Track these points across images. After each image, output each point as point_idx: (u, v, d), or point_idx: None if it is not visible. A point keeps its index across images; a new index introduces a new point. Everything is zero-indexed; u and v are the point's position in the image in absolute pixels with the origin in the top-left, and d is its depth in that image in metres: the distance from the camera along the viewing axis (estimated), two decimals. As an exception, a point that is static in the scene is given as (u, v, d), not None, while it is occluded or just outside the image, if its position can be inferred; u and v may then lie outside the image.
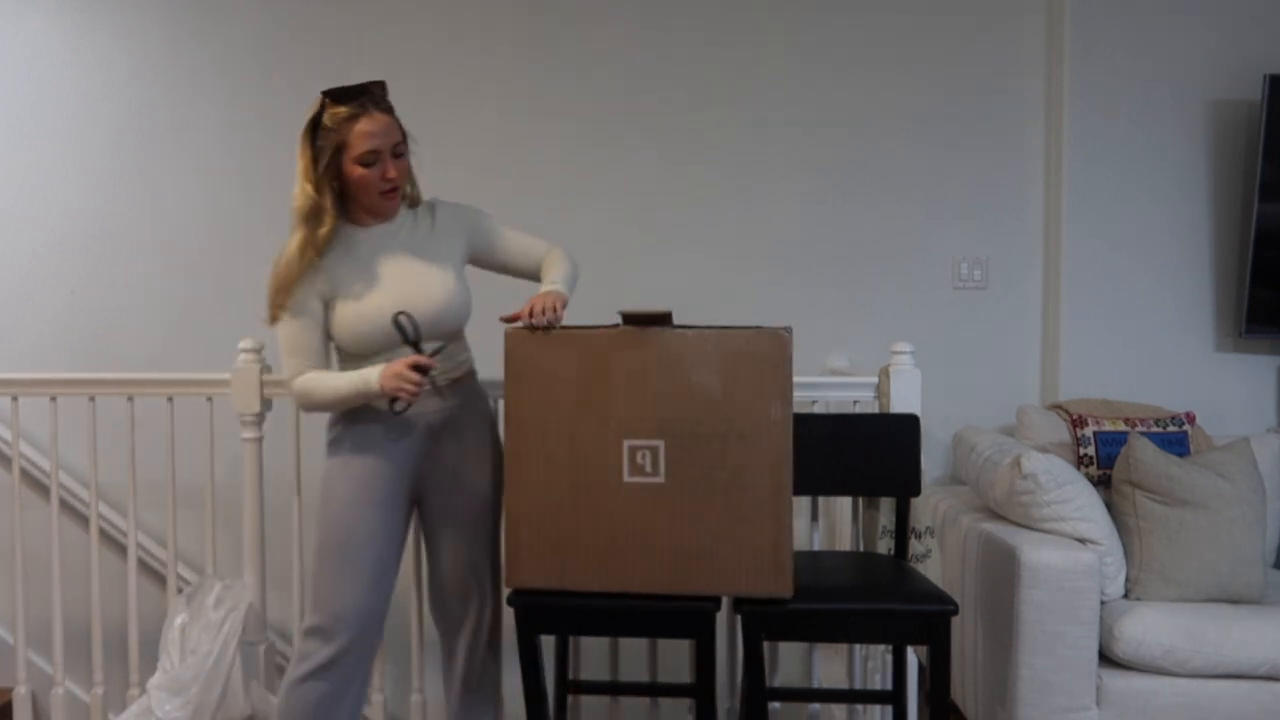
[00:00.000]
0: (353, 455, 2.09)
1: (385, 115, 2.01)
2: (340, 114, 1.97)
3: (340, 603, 2.04)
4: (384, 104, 2.02)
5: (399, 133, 2.03)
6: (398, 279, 2.04)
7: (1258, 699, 2.42)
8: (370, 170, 1.99)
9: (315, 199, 1.99)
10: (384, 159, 2.00)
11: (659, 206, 3.42)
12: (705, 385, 1.89)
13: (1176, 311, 3.30)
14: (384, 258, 2.06)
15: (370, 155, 1.98)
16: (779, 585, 1.89)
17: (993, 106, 3.38)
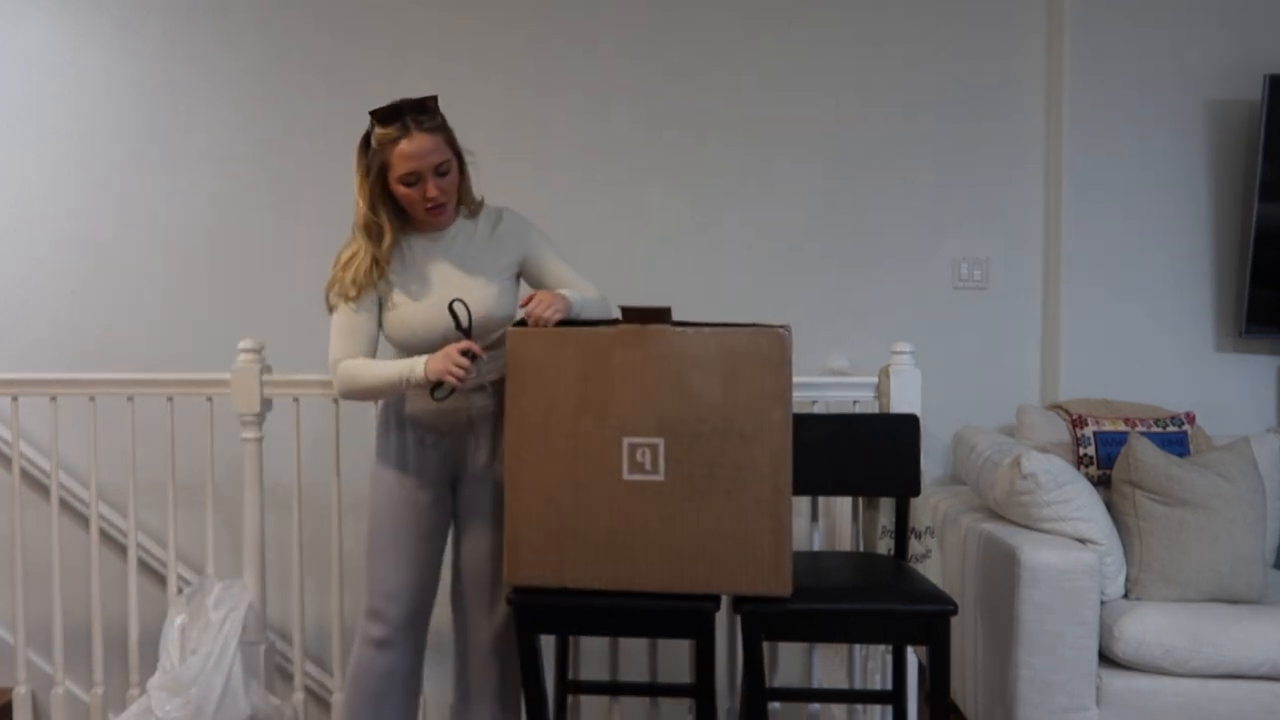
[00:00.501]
0: (400, 452, 2.20)
1: (428, 135, 2.04)
2: (384, 135, 2.04)
3: (390, 583, 2.17)
4: (429, 124, 2.05)
5: (446, 151, 2.07)
6: (448, 285, 2.12)
7: (1258, 699, 2.42)
8: (412, 190, 2.05)
9: (369, 215, 2.08)
10: (425, 179, 2.05)
11: (659, 205, 3.42)
12: (705, 384, 1.89)
13: (1176, 311, 3.30)
14: (437, 264, 2.14)
15: (411, 176, 2.04)
16: (778, 584, 1.89)
17: (993, 106, 3.38)
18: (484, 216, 2.21)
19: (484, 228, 2.20)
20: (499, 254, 2.18)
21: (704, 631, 1.96)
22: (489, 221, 2.21)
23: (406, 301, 2.13)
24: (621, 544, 1.92)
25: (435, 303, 2.11)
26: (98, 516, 2.67)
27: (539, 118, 3.41)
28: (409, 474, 2.20)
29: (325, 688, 3.22)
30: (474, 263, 2.16)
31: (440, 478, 2.22)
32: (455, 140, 2.11)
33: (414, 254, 2.15)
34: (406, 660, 2.21)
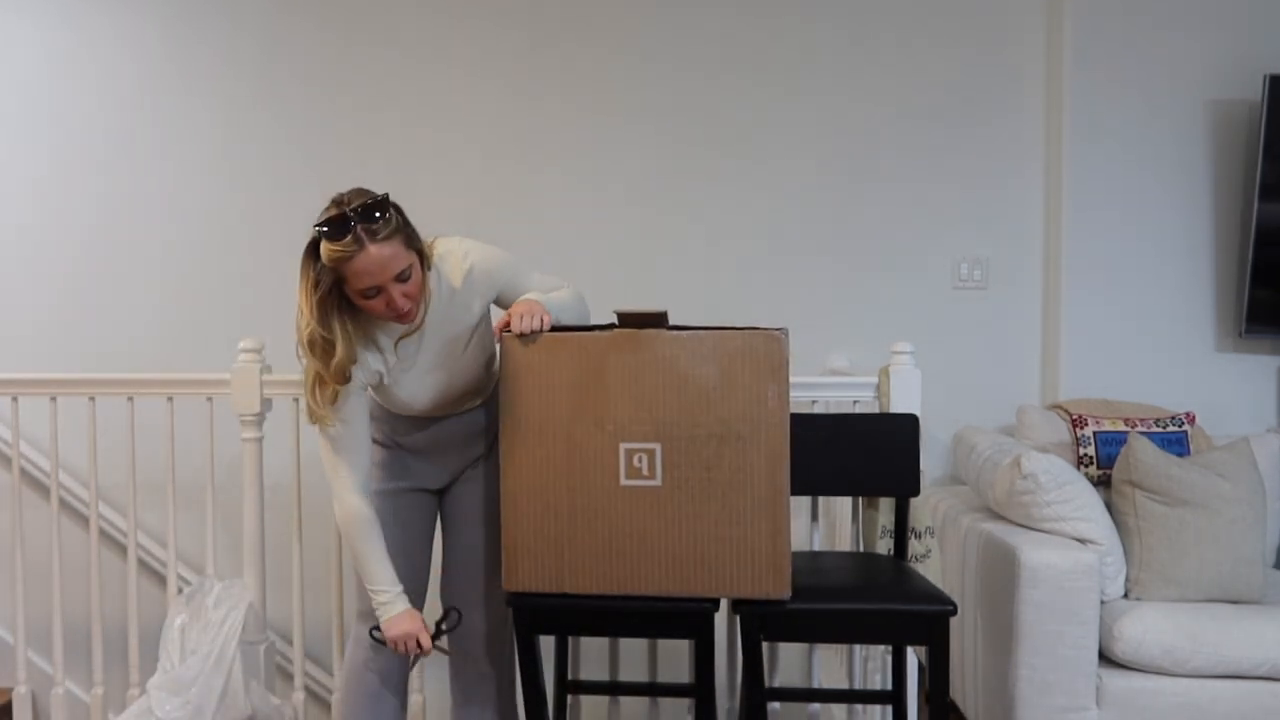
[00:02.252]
0: (389, 454, 2.18)
1: (384, 245, 1.83)
2: (335, 253, 1.81)
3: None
4: (383, 232, 1.83)
5: (406, 256, 1.86)
6: (436, 359, 2.05)
7: (1258, 699, 2.42)
8: (373, 301, 1.87)
9: (318, 331, 1.88)
10: (387, 289, 1.85)
11: (657, 206, 3.42)
12: (702, 387, 1.89)
13: (1176, 311, 3.30)
14: (418, 341, 2.02)
15: (371, 290, 1.85)
16: (777, 587, 1.89)
17: (993, 107, 3.38)
18: (441, 269, 2.01)
19: (446, 284, 2.02)
20: (475, 301, 2.05)
21: (703, 632, 1.96)
22: (450, 272, 2.02)
23: (390, 389, 2.05)
24: (620, 549, 1.92)
25: (416, 378, 2.04)
26: (98, 516, 2.67)
27: (535, 121, 3.41)
28: (392, 472, 2.18)
29: (325, 688, 3.23)
30: (461, 318, 2.04)
31: (425, 479, 2.21)
32: (414, 236, 1.91)
33: (392, 335, 2.00)
34: (398, 660, 2.19)
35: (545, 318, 1.92)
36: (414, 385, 2.05)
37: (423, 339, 2.02)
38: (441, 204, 3.34)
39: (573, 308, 2.09)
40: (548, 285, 2.10)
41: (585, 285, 3.37)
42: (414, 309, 1.91)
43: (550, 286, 2.10)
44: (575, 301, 2.12)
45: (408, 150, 3.40)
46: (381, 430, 2.19)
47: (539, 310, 1.93)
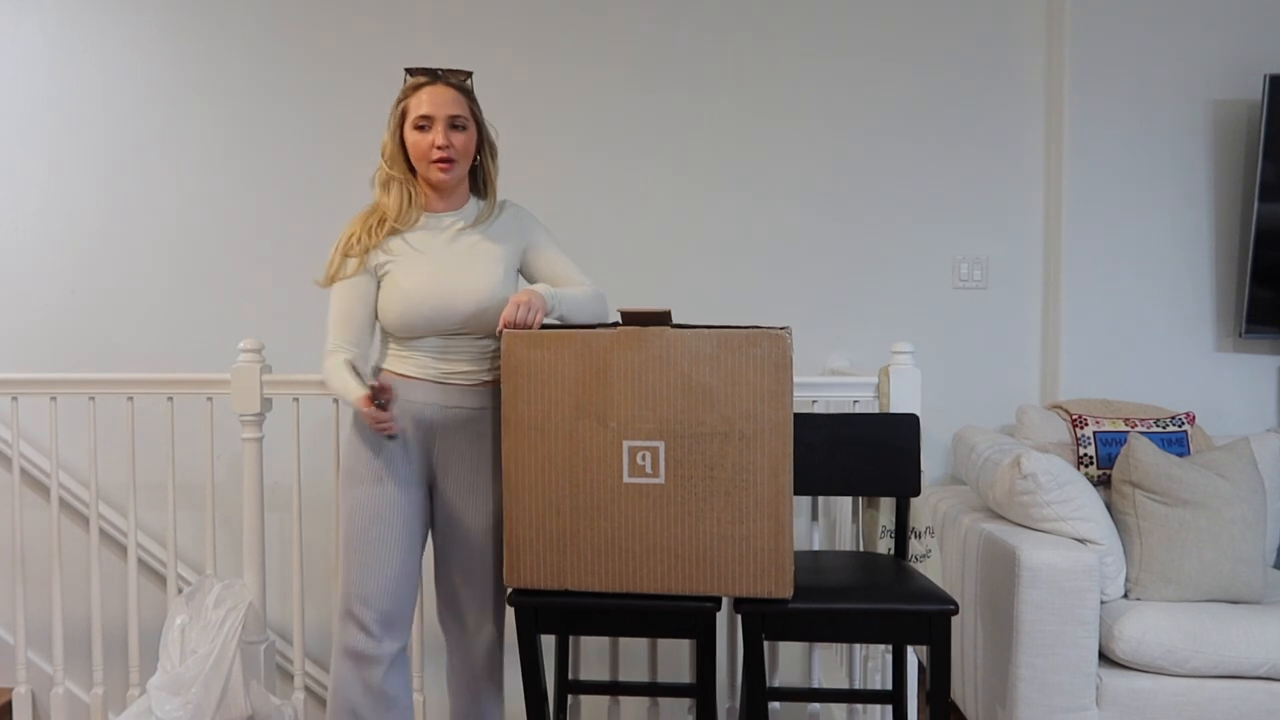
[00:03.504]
0: (372, 438, 2.13)
1: (452, 89, 2.07)
2: (411, 83, 2.08)
3: (365, 586, 2.09)
4: (455, 80, 2.09)
5: (465, 110, 2.08)
6: (445, 266, 2.09)
7: (1258, 699, 2.42)
8: (422, 135, 2.05)
9: (385, 169, 2.11)
10: (437, 125, 2.04)
11: (659, 206, 3.42)
12: (705, 385, 1.89)
13: (1176, 311, 3.30)
14: (439, 243, 2.11)
15: (423, 120, 2.05)
16: (779, 586, 1.89)
17: (993, 107, 3.38)
18: (491, 205, 2.19)
19: (490, 215, 2.18)
20: (505, 242, 2.16)
21: (704, 632, 1.96)
22: (495, 209, 2.19)
23: (396, 281, 2.08)
24: (622, 547, 1.93)
25: (422, 285, 2.07)
26: (98, 516, 2.67)
27: (538, 119, 3.41)
28: (381, 469, 2.12)
29: (325, 688, 3.22)
30: (486, 247, 2.13)
31: (416, 478, 2.14)
32: (480, 113, 2.13)
33: (419, 228, 2.13)
34: (390, 672, 2.11)
35: (539, 314, 1.98)
36: (414, 291, 2.06)
37: (450, 236, 2.12)
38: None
39: (586, 306, 2.13)
40: (573, 276, 2.19)
41: (585, 285, 3.39)
42: (456, 165, 2.07)
43: (573, 278, 2.19)
44: (591, 300, 2.16)
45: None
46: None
47: (537, 304, 1.99)
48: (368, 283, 2.10)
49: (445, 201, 2.14)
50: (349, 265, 2.10)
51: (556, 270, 2.19)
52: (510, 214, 2.20)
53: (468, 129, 2.08)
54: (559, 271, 2.19)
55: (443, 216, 2.13)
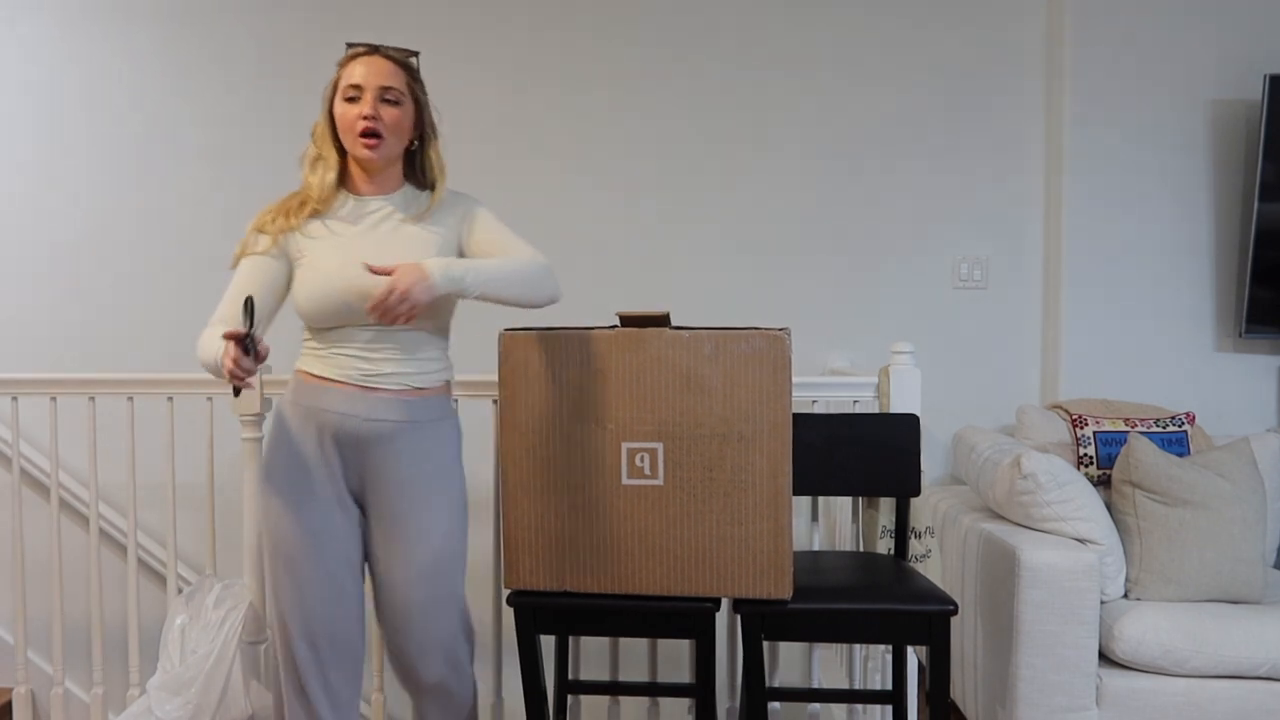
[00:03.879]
0: (286, 450, 1.94)
1: (389, 61, 1.90)
2: (348, 55, 1.92)
3: (294, 614, 1.92)
4: (396, 55, 1.92)
5: (399, 82, 1.90)
6: (365, 248, 1.91)
7: (1258, 699, 2.42)
8: (350, 106, 1.88)
9: (313, 148, 1.96)
10: (366, 95, 1.87)
11: (658, 207, 3.42)
12: (704, 387, 1.89)
13: (1176, 311, 3.30)
14: (363, 227, 1.93)
15: (353, 90, 1.88)
16: (779, 587, 1.90)
17: (993, 107, 3.38)
18: (432, 200, 1.99)
19: (424, 203, 1.98)
20: (439, 230, 1.96)
21: (704, 632, 1.96)
22: (430, 198, 1.99)
23: (310, 263, 1.90)
24: (621, 548, 1.93)
25: (337, 267, 1.88)
26: (98, 516, 2.67)
27: (535, 119, 3.41)
28: (298, 482, 1.92)
29: (325, 687, 3.22)
30: (399, 232, 1.93)
31: (339, 492, 1.94)
32: (422, 94, 1.96)
33: (343, 211, 1.95)
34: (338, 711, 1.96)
35: (417, 299, 1.75)
36: (330, 272, 1.88)
37: (378, 219, 1.94)
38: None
39: (515, 277, 1.89)
40: (512, 247, 1.96)
41: (586, 286, 3.40)
42: (384, 142, 1.89)
43: (511, 247, 1.96)
44: (522, 271, 1.90)
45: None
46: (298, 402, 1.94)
47: (418, 287, 1.75)
48: (278, 268, 1.93)
49: (373, 184, 1.96)
50: (260, 241, 1.92)
51: (494, 242, 1.97)
52: (452, 201, 2.01)
53: (402, 105, 1.90)
54: (496, 243, 1.97)
55: (369, 200, 1.95)
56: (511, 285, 1.87)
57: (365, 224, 1.93)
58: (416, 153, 2.00)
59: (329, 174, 1.93)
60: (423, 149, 2.00)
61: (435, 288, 1.77)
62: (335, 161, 1.94)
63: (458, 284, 1.81)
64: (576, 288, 3.42)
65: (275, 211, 1.94)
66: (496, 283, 1.85)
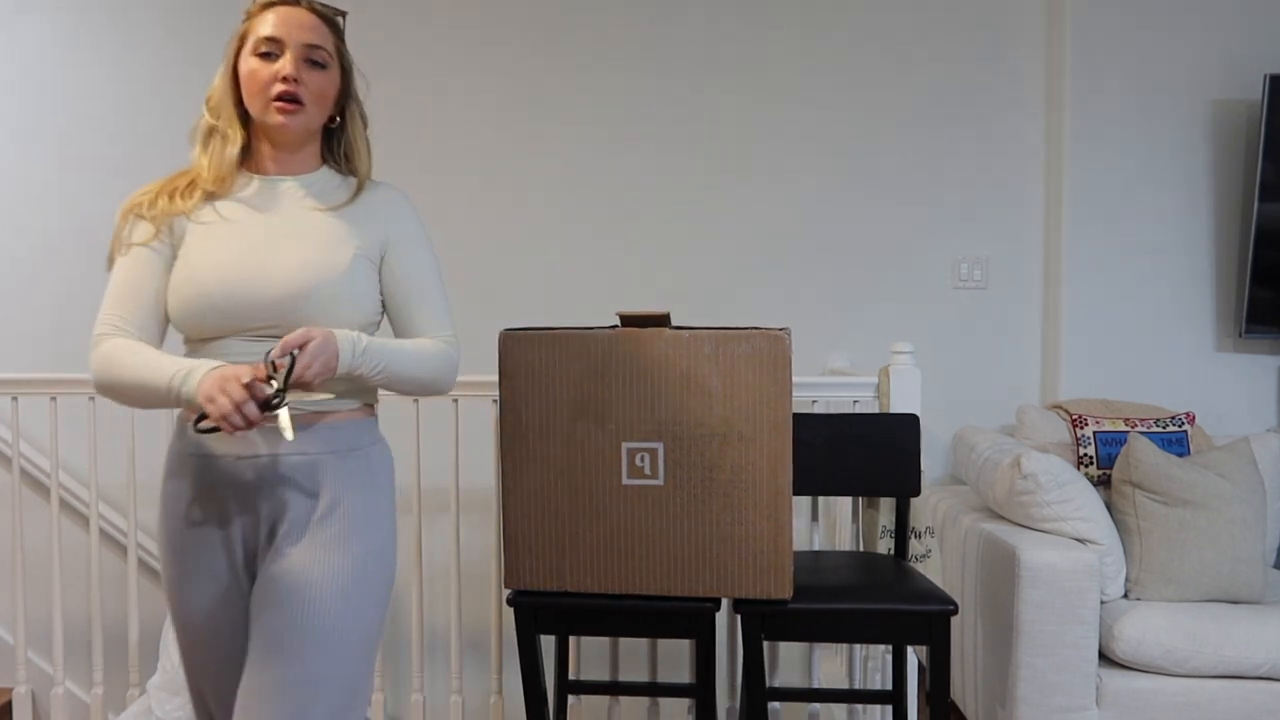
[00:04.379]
0: (172, 512, 1.58)
1: (314, 15, 1.57)
2: (257, 4, 1.58)
3: (201, 688, 1.61)
4: (322, 10, 1.59)
5: (327, 41, 1.58)
6: (262, 237, 1.55)
7: (1258, 699, 2.42)
8: (265, 63, 1.54)
9: (207, 118, 1.59)
10: (286, 53, 1.53)
11: (658, 207, 3.42)
12: (704, 387, 1.89)
13: (1176, 312, 3.30)
14: (269, 213, 1.58)
15: (269, 44, 1.53)
16: (779, 587, 1.90)
17: (993, 106, 3.38)
18: (354, 182, 1.67)
19: (347, 191, 1.65)
20: (363, 227, 1.61)
21: (704, 632, 1.96)
22: (356, 187, 1.66)
23: (198, 251, 1.54)
24: (621, 548, 1.93)
25: (225, 258, 1.52)
26: (98, 516, 2.67)
27: (535, 121, 3.41)
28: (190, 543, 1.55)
29: (325, 687, 3.22)
30: (309, 221, 1.58)
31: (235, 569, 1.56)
32: (349, 61, 1.64)
33: (241, 192, 1.60)
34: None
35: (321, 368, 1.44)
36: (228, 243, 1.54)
37: (289, 203, 1.60)
38: (440, 206, 3.35)
39: (423, 366, 1.60)
40: (429, 315, 1.65)
41: (587, 287, 3.40)
42: (300, 107, 1.54)
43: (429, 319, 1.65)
44: (431, 361, 1.61)
45: (406, 155, 3.40)
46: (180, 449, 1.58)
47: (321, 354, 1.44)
48: (161, 264, 1.56)
49: (284, 162, 1.62)
50: (138, 230, 1.56)
51: (410, 290, 1.64)
52: (381, 195, 1.67)
53: (328, 70, 1.57)
54: (413, 292, 1.64)
55: (278, 181, 1.61)
56: (414, 378, 1.60)
57: (272, 209, 1.58)
58: (336, 132, 1.66)
59: (229, 149, 1.57)
60: (345, 127, 1.66)
61: (338, 366, 1.47)
62: (239, 134, 1.58)
63: (374, 363, 1.53)
64: (577, 287, 3.42)
65: (156, 191, 1.58)
66: (406, 371, 1.58)
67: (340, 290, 1.55)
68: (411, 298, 1.64)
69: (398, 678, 3.28)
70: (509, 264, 3.41)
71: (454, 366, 1.66)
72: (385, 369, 1.55)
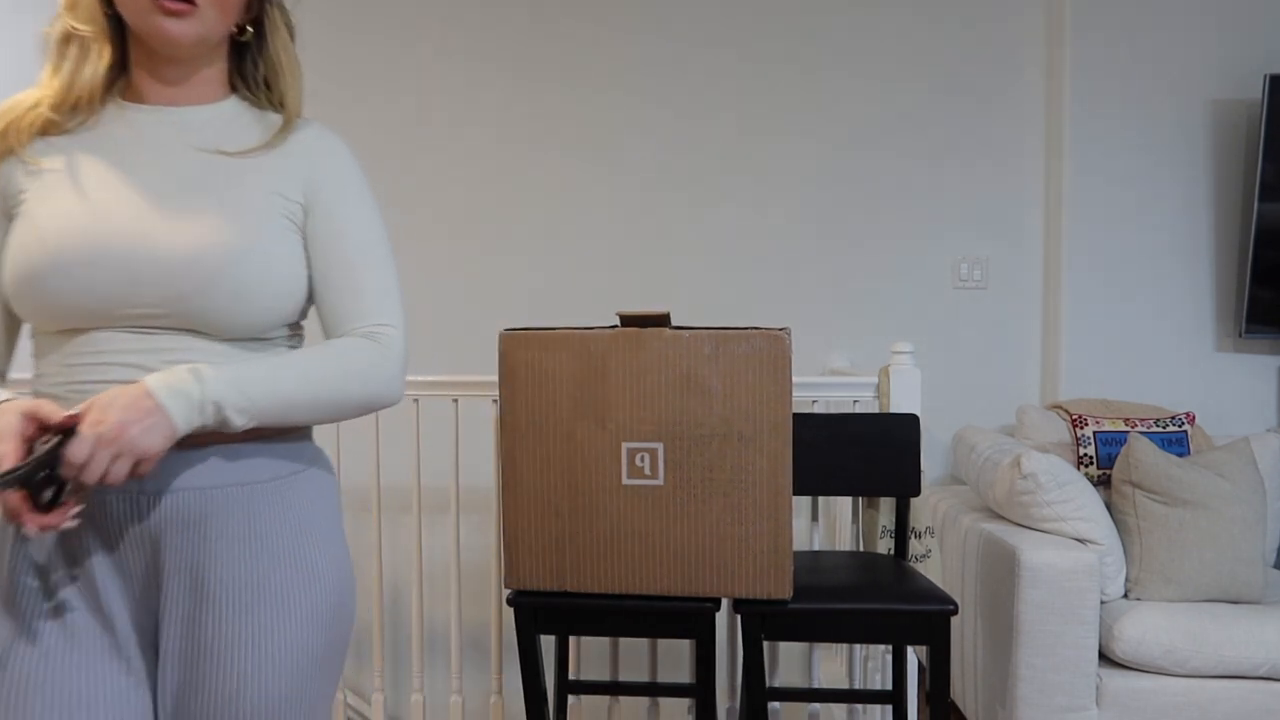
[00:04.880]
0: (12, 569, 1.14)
1: None
2: None
3: None
4: None
5: None
6: (141, 197, 1.12)
7: (1258, 699, 2.42)
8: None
9: (65, 20, 1.15)
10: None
11: (658, 207, 3.42)
12: (704, 387, 1.89)
13: (1176, 311, 3.30)
14: (144, 158, 1.15)
15: None
16: (779, 587, 1.90)
17: (993, 107, 3.38)
18: (276, 119, 1.24)
19: (264, 127, 1.22)
20: (280, 177, 1.18)
21: (704, 632, 1.96)
22: (277, 125, 1.23)
23: (53, 205, 1.10)
24: (621, 549, 1.93)
25: (93, 212, 1.10)
26: (98, 517, 2.66)
27: (536, 120, 3.41)
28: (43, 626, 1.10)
29: (325, 688, 3.22)
30: (221, 177, 1.15)
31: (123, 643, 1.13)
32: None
33: (111, 126, 1.16)
34: None
35: (136, 461, 1.02)
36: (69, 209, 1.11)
37: (174, 137, 1.17)
38: (443, 200, 3.35)
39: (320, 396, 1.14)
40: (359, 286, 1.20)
41: (587, 287, 3.40)
42: (193, 10, 1.11)
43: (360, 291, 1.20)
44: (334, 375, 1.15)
45: (408, 145, 3.40)
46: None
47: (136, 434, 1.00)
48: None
49: (173, 89, 1.18)
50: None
51: (342, 269, 1.20)
52: (305, 134, 1.23)
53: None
54: (346, 274, 1.20)
55: (164, 113, 1.17)
56: (320, 413, 1.15)
57: (155, 152, 1.15)
58: (250, 49, 1.24)
59: (91, 65, 1.15)
60: (264, 41, 1.23)
61: (174, 428, 1.03)
62: (106, 48, 1.15)
63: (216, 418, 1.07)
64: (577, 287, 3.42)
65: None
66: (288, 410, 1.12)
67: (254, 267, 1.12)
68: (343, 272, 1.19)
69: (398, 678, 3.28)
70: (509, 264, 3.41)
71: (392, 371, 1.19)
72: (259, 412, 1.09)
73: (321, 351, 1.16)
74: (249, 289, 1.12)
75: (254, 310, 1.13)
